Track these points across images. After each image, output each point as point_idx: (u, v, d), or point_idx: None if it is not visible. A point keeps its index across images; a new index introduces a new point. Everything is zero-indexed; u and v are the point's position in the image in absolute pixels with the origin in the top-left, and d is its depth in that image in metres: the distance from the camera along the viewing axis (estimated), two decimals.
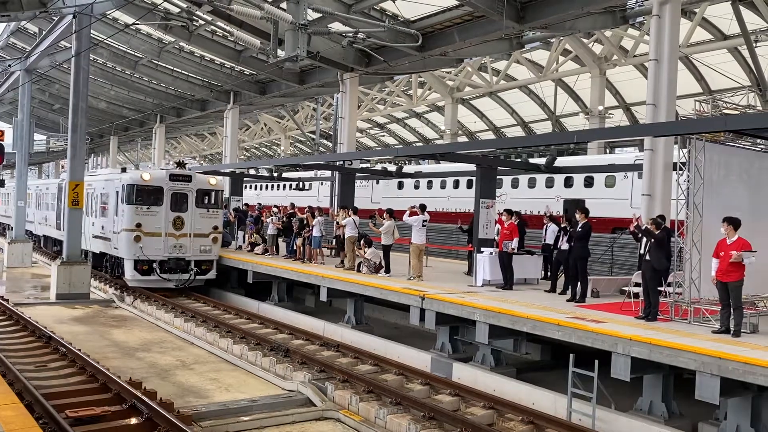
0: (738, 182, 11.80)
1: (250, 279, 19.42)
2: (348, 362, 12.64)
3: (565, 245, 13.52)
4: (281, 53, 16.48)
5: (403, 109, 45.50)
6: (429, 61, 24.00)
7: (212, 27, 24.94)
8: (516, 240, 14.45)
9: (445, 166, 28.59)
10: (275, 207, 23.85)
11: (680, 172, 11.28)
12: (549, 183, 24.75)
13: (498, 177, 19.07)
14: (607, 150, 31.93)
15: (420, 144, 48.53)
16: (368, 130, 53.09)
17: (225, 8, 17.75)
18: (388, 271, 16.47)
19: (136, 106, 42.25)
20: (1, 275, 24.53)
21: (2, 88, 32.57)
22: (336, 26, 20.64)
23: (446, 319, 12.85)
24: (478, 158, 17.31)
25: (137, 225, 19.10)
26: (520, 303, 12.30)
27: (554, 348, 13.21)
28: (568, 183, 24.02)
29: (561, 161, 23.71)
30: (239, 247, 23.59)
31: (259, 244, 22.52)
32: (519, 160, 24.07)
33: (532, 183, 25.46)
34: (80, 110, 19.73)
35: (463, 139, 41.86)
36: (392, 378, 11.59)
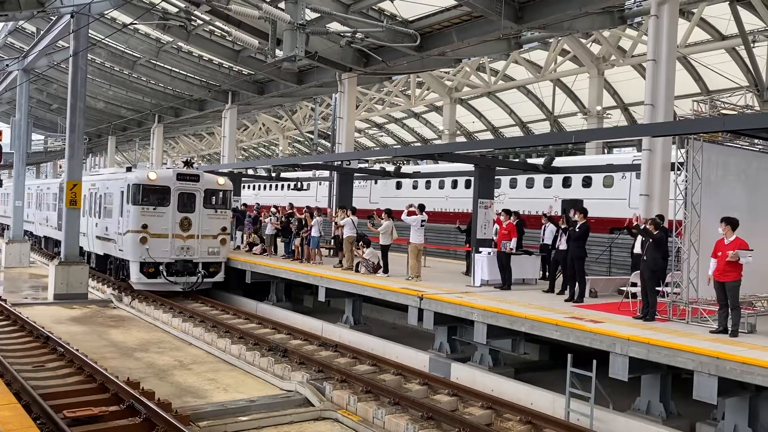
0: (736, 182, 11.81)
1: (249, 279, 19.39)
2: (346, 362, 12.64)
3: (563, 245, 13.53)
4: (279, 53, 16.46)
5: (402, 109, 45.52)
6: (427, 61, 24.02)
7: (210, 27, 24.92)
8: (514, 240, 14.47)
9: (444, 166, 28.61)
10: (274, 207, 23.82)
11: (678, 172, 11.30)
12: (547, 183, 24.76)
13: (496, 177, 19.07)
14: (605, 150, 31.96)
15: (418, 144, 48.55)
16: (366, 130, 53.09)
17: (223, 8, 17.73)
18: (387, 271, 16.46)
19: (134, 106, 42.22)
20: None
21: (0, 88, 32.50)
22: (334, 26, 20.63)
23: (444, 319, 12.85)
24: (477, 158, 17.33)
25: (143, 226, 18.55)
26: (519, 303, 12.31)
27: (552, 348, 13.21)
28: (567, 183, 24.04)
29: (559, 161, 23.72)
30: (237, 248, 23.57)
31: (258, 244, 22.51)
32: (517, 161, 24.08)
33: (530, 183, 25.47)
34: (78, 110, 19.68)
35: (462, 139, 41.89)
36: (390, 378, 11.59)
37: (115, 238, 19.88)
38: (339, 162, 23.80)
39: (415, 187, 31.09)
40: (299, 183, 34.68)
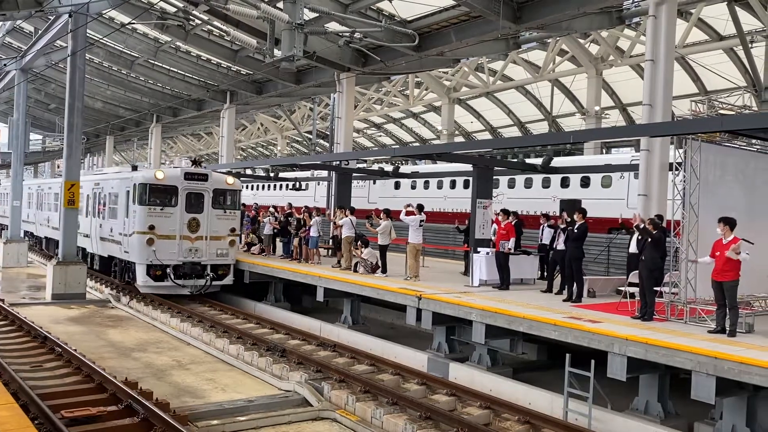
0: (734, 182, 11.83)
1: (247, 279, 19.36)
2: (344, 362, 12.64)
3: (561, 245, 13.54)
4: (278, 53, 16.45)
5: (400, 109, 45.52)
6: (426, 61, 24.01)
7: (209, 26, 24.90)
8: (512, 240, 14.46)
9: (442, 167, 28.60)
10: (272, 207, 23.79)
11: (676, 173, 11.31)
12: (545, 183, 24.78)
13: (494, 177, 19.08)
14: (604, 150, 31.99)
15: (417, 144, 48.54)
16: (365, 130, 53.08)
17: (221, 8, 17.69)
18: (385, 271, 16.46)
19: (133, 106, 42.18)
20: None
21: None
22: (333, 26, 20.63)
23: (443, 319, 12.85)
24: (475, 158, 17.34)
25: (150, 227, 17.91)
26: (517, 303, 12.31)
27: (551, 348, 13.22)
28: (565, 183, 24.06)
29: (557, 161, 23.74)
30: None
31: (256, 244, 22.50)
32: (515, 161, 24.11)
33: (529, 183, 25.49)
34: (76, 110, 19.64)
35: (460, 140, 41.90)
36: (389, 378, 11.59)
37: (121, 240, 19.33)
38: (337, 162, 23.79)
39: (414, 187, 31.10)
40: (297, 183, 34.67)
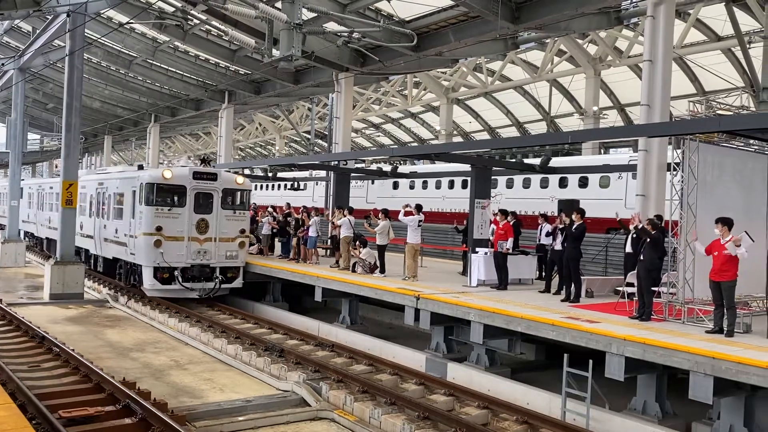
0: (731, 183, 11.84)
1: (243, 279, 19.31)
2: (343, 362, 12.64)
3: (559, 245, 13.56)
4: (276, 53, 16.46)
5: (398, 109, 45.51)
6: (424, 62, 24.01)
7: (207, 26, 24.90)
8: (510, 240, 14.48)
9: (440, 167, 28.60)
10: (271, 207, 23.77)
11: (674, 173, 11.32)
12: (544, 183, 24.79)
13: (493, 177, 19.08)
14: (602, 150, 31.99)
15: (415, 144, 48.54)
16: (363, 130, 53.07)
17: (220, 7, 17.70)
18: (383, 272, 16.46)
19: (131, 106, 42.14)
20: None
21: None
22: (331, 26, 20.62)
23: (441, 319, 12.86)
24: (473, 158, 17.34)
25: (157, 228, 17.28)
26: (515, 303, 12.32)
27: (549, 348, 13.22)
28: (563, 183, 24.08)
29: (556, 162, 23.73)
30: None
31: (254, 244, 22.47)
32: (514, 161, 24.07)
33: (527, 183, 25.51)
34: (74, 109, 19.62)
35: (458, 140, 41.89)
36: (387, 378, 11.59)
37: (126, 241, 18.74)
38: (336, 162, 23.79)
39: (412, 187, 31.10)
40: (296, 183, 34.65)
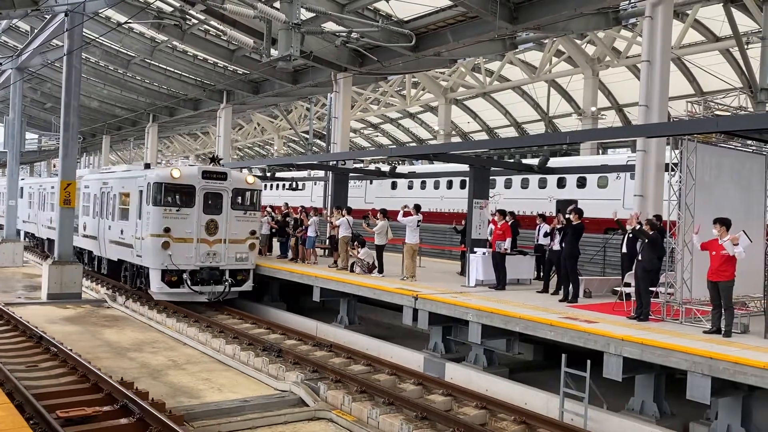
0: (729, 183, 11.85)
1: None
2: (341, 362, 12.64)
3: (557, 246, 13.56)
4: (274, 53, 16.44)
5: (397, 110, 45.52)
6: (422, 62, 24.02)
7: (205, 26, 24.89)
8: (509, 240, 14.50)
9: (439, 167, 28.63)
10: (269, 207, 23.75)
11: (672, 173, 11.33)
12: (542, 183, 24.81)
13: (491, 177, 19.10)
14: (600, 151, 32.02)
15: (413, 144, 48.56)
16: (362, 130, 53.06)
17: (218, 7, 17.70)
18: (382, 272, 16.46)
19: (129, 105, 42.10)
20: None
21: None
22: (329, 26, 20.61)
23: (439, 319, 12.86)
24: (472, 158, 17.38)
25: (165, 229, 16.70)
26: (513, 303, 12.33)
27: (547, 348, 13.24)
28: (561, 183, 24.09)
29: (554, 162, 23.78)
30: None
31: None
32: (512, 161, 24.11)
33: (525, 183, 25.53)
34: (72, 109, 19.60)
35: (457, 140, 41.91)
36: (385, 378, 11.59)
37: (133, 243, 18.14)
38: (334, 162, 23.79)
39: (411, 188, 31.12)
40: (294, 183, 34.65)
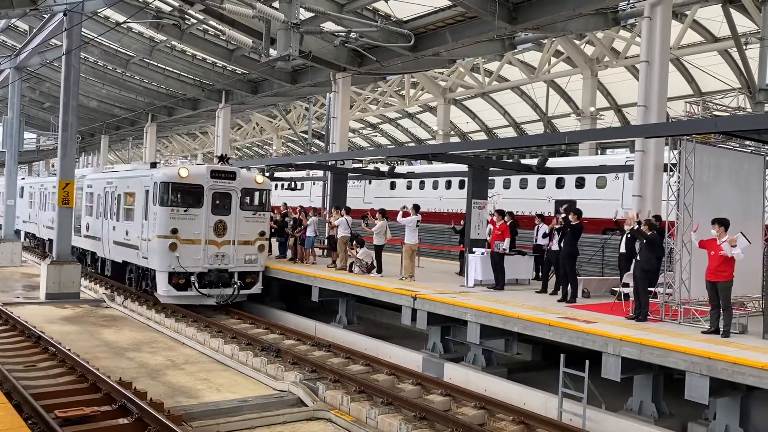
0: (728, 183, 11.86)
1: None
2: (339, 362, 12.64)
3: (556, 246, 13.57)
4: (273, 52, 16.42)
5: (396, 110, 45.51)
6: (421, 62, 24.02)
7: (204, 26, 24.87)
8: (507, 240, 14.51)
9: (438, 167, 28.64)
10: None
11: (671, 174, 11.34)
12: (540, 184, 24.82)
13: (490, 178, 19.10)
14: (599, 151, 32.04)
15: (412, 144, 48.55)
16: (360, 130, 53.06)
17: (217, 7, 17.67)
18: (380, 272, 16.47)
19: (128, 105, 42.06)
20: None
21: None
22: (328, 26, 20.61)
23: (438, 319, 12.86)
24: (470, 159, 17.39)
25: (173, 231, 16.31)
26: (512, 303, 12.33)
27: (545, 348, 13.24)
28: (560, 184, 24.10)
29: (552, 162, 23.81)
30: None
31: None
32: (511, 161, 24.15)
33: (524, 184, 25.53)
34: (71, 108, 19.58)
35: (456, 140, 41.91)
36: (384, 378, 11.59)
37: (138, 244, 17.75)
38: (333, 162, 23.77)
39: (409, 188, 31.13)
40: (293, 183, 34.64)
